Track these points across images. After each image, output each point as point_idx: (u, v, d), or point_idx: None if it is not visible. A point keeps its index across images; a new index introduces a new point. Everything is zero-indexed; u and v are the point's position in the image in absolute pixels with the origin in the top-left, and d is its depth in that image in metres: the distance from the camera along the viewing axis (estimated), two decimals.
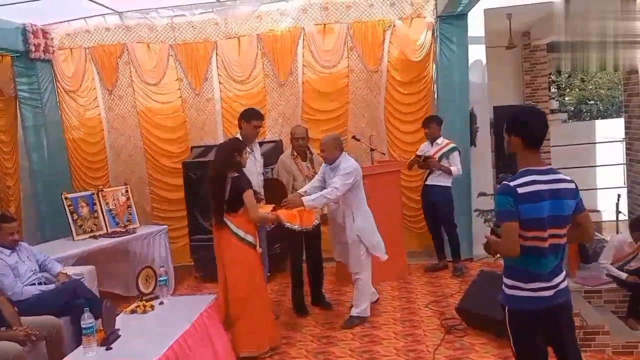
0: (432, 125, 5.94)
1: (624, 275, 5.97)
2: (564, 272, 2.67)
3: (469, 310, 4.46)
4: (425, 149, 6.03)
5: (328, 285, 5.73)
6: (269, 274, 5.34)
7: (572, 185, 2.59)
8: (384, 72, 6.68)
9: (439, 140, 5.94)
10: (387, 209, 5.12)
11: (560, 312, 2.62)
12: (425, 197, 6.07)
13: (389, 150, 6.74)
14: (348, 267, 4.88)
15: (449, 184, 5.90)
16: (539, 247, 2.54)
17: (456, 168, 5.78)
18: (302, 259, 5.14)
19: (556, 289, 2.59)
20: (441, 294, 5.37)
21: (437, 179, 5.89)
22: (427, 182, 5.98)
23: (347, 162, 4.56)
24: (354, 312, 4.81)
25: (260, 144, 5.55)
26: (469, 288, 4.71)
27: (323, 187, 4.62)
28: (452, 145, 5.91)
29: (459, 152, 5.92)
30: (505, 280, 2.67)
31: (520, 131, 2.58)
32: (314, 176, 4.87)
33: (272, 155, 5.72)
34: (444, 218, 5.98)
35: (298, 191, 4.66)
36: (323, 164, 4.79)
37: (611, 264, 6.21)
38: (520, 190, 2.48)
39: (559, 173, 2.62)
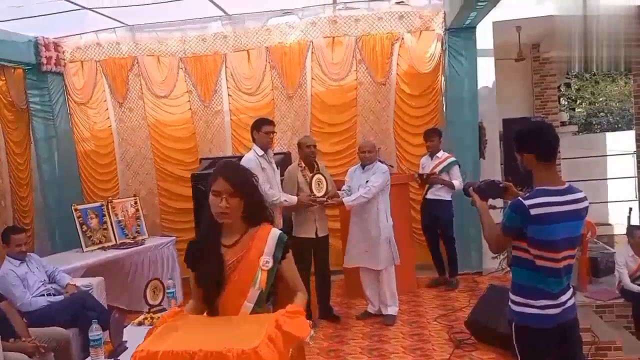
0: (434, 138, 5.92)
1: None
2: (571, 289, 2.64)
3: (478, 325, 4.41)
4: (425, 162, 6.02)
5: (336, 298, 5.70)
6: None
7: (587, 204, 2.57)
8: (392, 85, 6.70)
9: (439, 154, 5.93)
10: (395, 222, 5.11)
11: (568, 329, 2.59)
12: (425, 211, 6.04)
13: (397, 163, 6.73)
14: (370, 269, 5.02)
15: (450, 198, 5.87)
16: (554, 268, 2.51)
17: (458, 182, 5.75)
18: (309, 272, 5.13)
19: (564, 307, 2.56)
20: (450, 308, 5.33)
21: (438, 193, 5.86)
22: (428, 197, 5.95)
23: (381, 165, 5.08)
24: (394, 310, 5.06)
25: None
26: (478, 302, 4.67)
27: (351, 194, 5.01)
28: (452, 158, 5.89)
29: (459, 165, 5.90)
30: (512, 297, 2.63)
31: (531, 147, 2.54)
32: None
33: (280, 167, 5.72)
34: (446, 232, 5.95)
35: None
36: (350, 170, 5.25)
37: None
38: (533, 211, 2.44)
39: (577, 192, 2.56)
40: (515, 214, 2.49)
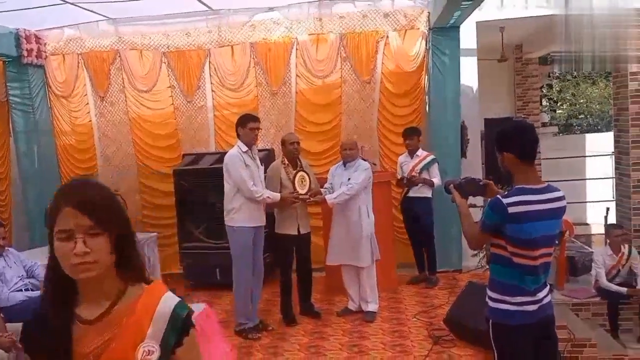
0: (413, 137, 5.97)
1: (624, 290, 6.08)
2: (548, 287, 2.69)
3: (456, 322, 4.47)
4: (404, 161, 6.06)
5: (317, 295, 5.71)
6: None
7: (564, 203, 2.61)
8: (377, 84, 6.71)
9: (419, 153, 5.98)
10: (377, 220, 5.14)
11: (546, 326, 2.64)
12: (406, 210, 6.09)
13: (381, 161, 6.76)
14: (351, 266, 5.07)
15: (430, 195, 5.93)
16: (531, 266, 2.55)
17: (437, 179, 5.81)
18: (291, 269, 5.14)
19: (540, 303, 2.60)
20: (430, 305, 5.38)
21: (419, 191, 5.92)
22: (409, 195, 6.00)
23: (363, 162, 5.11)
24: (374, 307, 5.10)
25: None
26: (456, 299, 4.73)
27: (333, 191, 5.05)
28: (431, 156, 5.95)
29: (438, 163, 5.96)
30: (490, 293, 2.67)
31: (512, 147, 2.57)
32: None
33: (264, 164, 5.72)
34: (425, 230, 6.00)
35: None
36: (332, 168, 5.28)
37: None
38: (511, 209, 2.48)
39: (555, 191, 2.61)
40: (493, 212, 2.53)
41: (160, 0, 5.97)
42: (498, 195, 2.57)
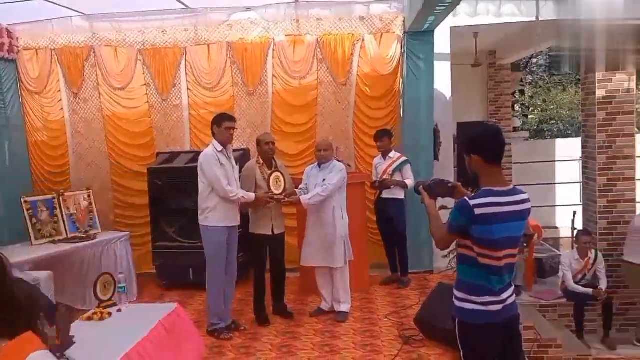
0: (384, 138, 6.05)
1: (590, 291, 6.25)
2: (513, 287, 2.75)
3: (426, 322, 4.55)
4: (378, 162, 6.14)
5: (290, 296, 5.74)
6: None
7: (529, 205, 2.67)
8: (353, 86, 6.76)
9: (392, 154, 6.06)
10: (351, 221, 5.19)
11: (509, 326, 2.70)
12: (380, 211, 6.16)
13: (356, 163, 6.81)
14: (325, 268, 5.12)
15: (403, 197, 6.02)
16: (495, 266, 2.60)
17: (410, 180, 5.88)
18: (265, 269, 5.16)
19: (504, 304, 2.65)
20: (401, 305, 5.45)
21: (392, 192, 5.99)
22: (383, 196, 6.08)
23: (338, 163, 5.17)
24: (346, 307, 5.16)
25: None
26: (426, 300, 4.81)
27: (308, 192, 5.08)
28: (404, 158, 6.04)
29: (411, 164, 6.05)
30: (456, 292, 2.73)
31: (478, 149, 2.62)
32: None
33: (239, 163, 5.72)
34: (399, 231, 6.07)
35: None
36: (307, 169, 5.31)
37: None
38: (477, 211, 2.52)
39: (521, 193, 2.66)
40: (460, 213, 2.58)
41: None
42: (465, 197, 2.62)
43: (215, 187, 4.61)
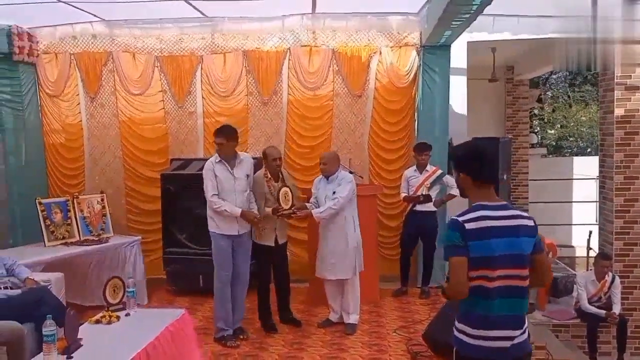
0: (427, 152, 6.06)
1: (602, 312, 6.14)
2: (526, 324, 2.50)
3: (434, 338, 4.47)
4: (412, 174, 6.12)
5: (299, 306, 5.71)
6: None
7: (531, 223, 2.48)
8: (369, 98, 6.74)
9: (428, 167, 6.10)
10: (362, 233, 5.16)
11: None
12: (410, 222, 6.16)
13: (370, 177, 6.77)
14: (335, 281, 5.06)
15: (435, 209, 6.06)
16: (484, 287, 2.39)
17: (456, 189, 5.82)
18: (269, 278, 5.17)
19: (512, 342, 2.43)
20: (410, 320, 5.39)
21: (427, 205, 6.02)
22: (417, 209, 6.07)
23: (346, 174, 5.10)
24: (355, 319, 5.10)
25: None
26: (435, 315, 4.75)
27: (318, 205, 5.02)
28: (440, 171, 6.09)
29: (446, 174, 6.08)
30: (455, 322, 2.56)
31: (465, 168, 2.55)
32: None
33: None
34: (430, 243, 6.12)
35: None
36: (315, 180, 5.20)
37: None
38: (468, 225, 2.39)
39: (515, 209, 2.55)
40: (452, 231, 2.43)
41: (155, 5, 5.98)
42: (453, 216, 2.50)
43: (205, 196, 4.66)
